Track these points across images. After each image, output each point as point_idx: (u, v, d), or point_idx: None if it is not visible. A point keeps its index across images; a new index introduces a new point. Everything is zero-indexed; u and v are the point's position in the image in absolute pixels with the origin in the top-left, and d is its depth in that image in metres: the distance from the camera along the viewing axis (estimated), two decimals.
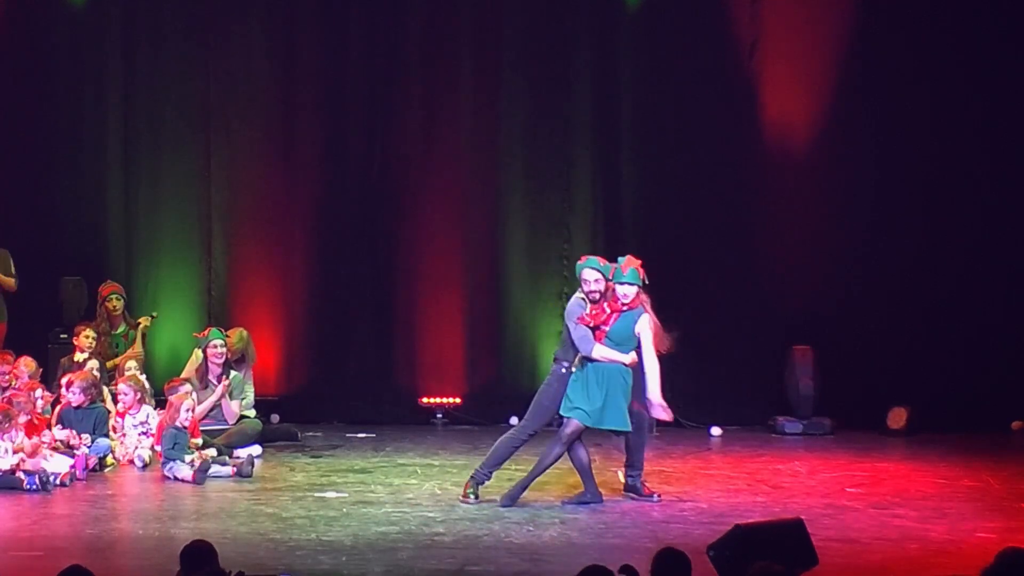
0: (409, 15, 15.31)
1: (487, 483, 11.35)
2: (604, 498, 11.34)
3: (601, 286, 11.17)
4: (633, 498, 11.41)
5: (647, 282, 11.20)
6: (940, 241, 14.95)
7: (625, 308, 11.14)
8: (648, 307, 11.23)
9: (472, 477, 11.37)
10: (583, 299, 11.20)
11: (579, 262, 11.39)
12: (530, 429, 11.35)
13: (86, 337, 13.80)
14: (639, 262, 11.22)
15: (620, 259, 11.26)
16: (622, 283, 11.15)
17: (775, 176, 15.11)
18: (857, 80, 15.01)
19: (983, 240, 14.90)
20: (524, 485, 11.27)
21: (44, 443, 12.02)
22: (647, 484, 11.52)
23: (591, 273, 11.21)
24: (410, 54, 15.30)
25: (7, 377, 12.88)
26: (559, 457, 11.28)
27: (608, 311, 11.13)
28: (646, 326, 11.15)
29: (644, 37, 15.21)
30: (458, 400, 15.08)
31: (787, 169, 15.08)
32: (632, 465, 11.53)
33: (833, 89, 15.02)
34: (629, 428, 11.19)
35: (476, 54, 15.29)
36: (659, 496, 11.41)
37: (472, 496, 11.25)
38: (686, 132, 15.15)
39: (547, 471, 11.39)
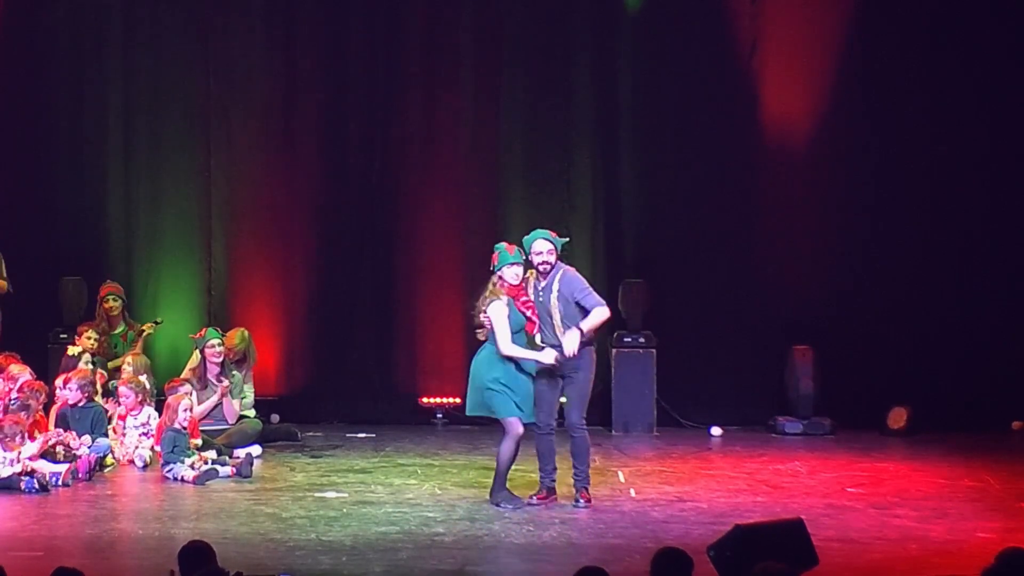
0: (409, 15, 15.31)
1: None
2: (593, 500, 11.25)
3: (552, 257, 11.08)
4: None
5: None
6: (940, 241, 14.94)
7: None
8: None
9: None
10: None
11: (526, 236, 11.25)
12: None
13: (88, 338, 13.79)
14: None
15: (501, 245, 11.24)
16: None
17: (775, 175, 15.12)
18: (857, 80, 15.01)
19: (983, 240, 14.90)
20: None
21: (49, 439, 12.06)
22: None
23: (544, 244, 11.10)
24: (410, 54, 15.31)
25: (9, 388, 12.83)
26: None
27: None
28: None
29: (644, 37, 15.21)
30: (458, 400, 15.04)
31: (787, 168, 15.09)
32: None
33: (833, 89, 15.01)
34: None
35: (477, 54, 15.30)
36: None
37: None
38: (686, 132, 15.16)
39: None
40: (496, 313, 11.00)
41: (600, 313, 11.00)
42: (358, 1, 15.31)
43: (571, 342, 10.85)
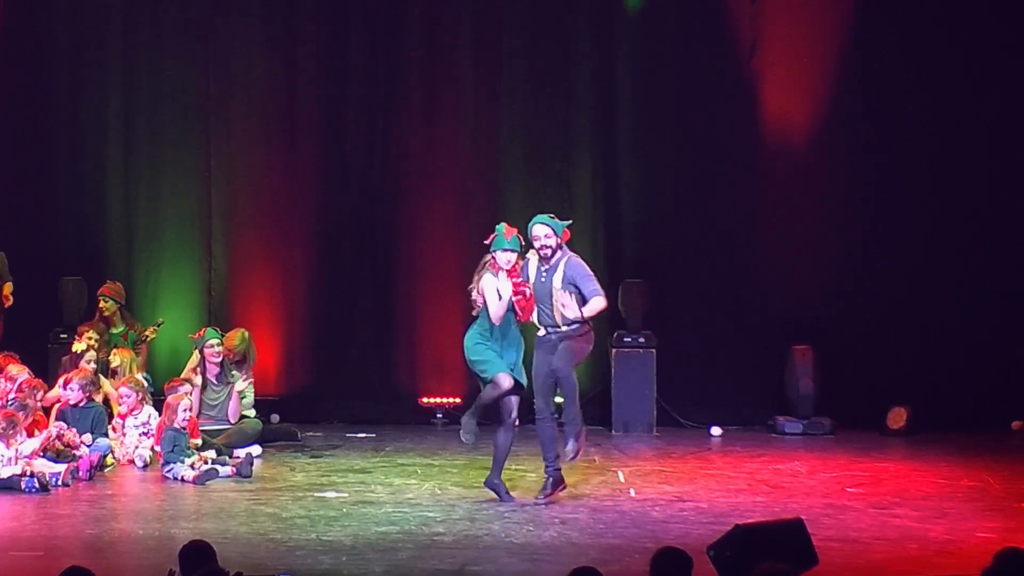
0: (409, 14, 15.31)
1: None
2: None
3: (552, 241, 11.19)
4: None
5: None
6: (940, 241, 14.95)
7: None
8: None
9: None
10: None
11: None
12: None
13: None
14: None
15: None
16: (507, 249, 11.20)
17: (775, 175, 15.12)
18: (857, 80, 15.02)
19: (983, 240, 14.90)
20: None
21: (51, 435, 12.08)
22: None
23: (542, 228, 11.23)
24: (410, 53, 15.30)
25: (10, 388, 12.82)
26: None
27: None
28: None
29: (644, 37, 15.22)
30: (458, 400, 15.07)
31: (787, 168, 15.09)
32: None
33: (833, 89, 15.02)
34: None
35: (477, 54, 15.30)
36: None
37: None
38: (686, 132, 15.16)
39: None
40: (487, 285, 11.11)
41: (598, 303, 11.15)
42: (358, 1, 15.31)
43: (571, 309, 11.01)
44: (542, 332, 11.26)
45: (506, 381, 11.08)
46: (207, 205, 15.34)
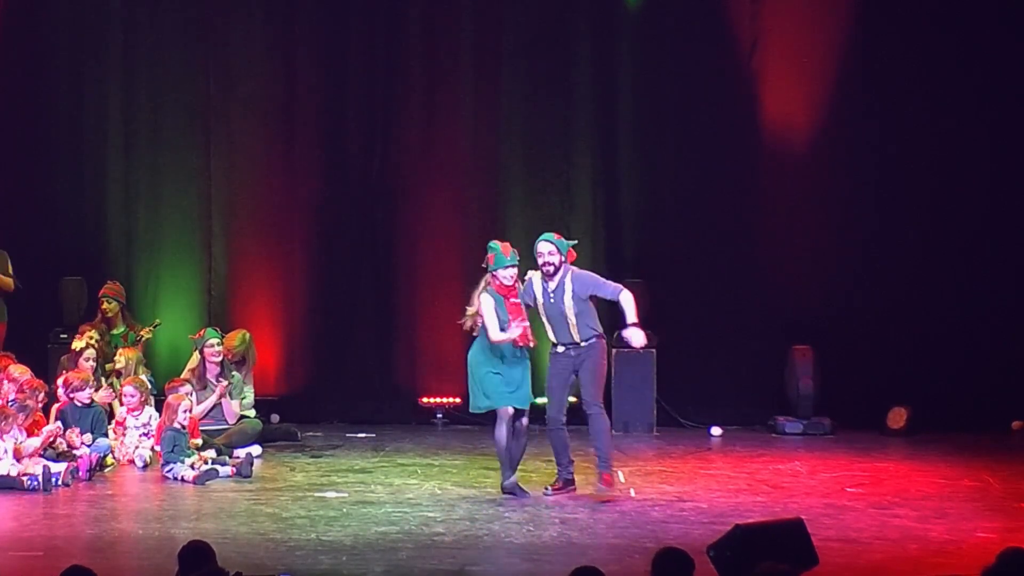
0: (409, 15, 15.31)
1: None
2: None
3: (555, 259, 11.31)
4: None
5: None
6: (940, 241, 14.95)
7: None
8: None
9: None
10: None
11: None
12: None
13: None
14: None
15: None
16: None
17: (775, 176, 15.12)
18: (858, 80, 15.02)
19: (983, 240, 14.91)
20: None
21: (52, 433, 12.10)
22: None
23: (546, 246, 11.36)
24: (410, 54, 15.31)
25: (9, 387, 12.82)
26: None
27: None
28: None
29: (644, 37, 15.22)
30: (458, 400, 15.06)
31: (787, 169, 15.09)
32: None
33: (833, 89, 15.02)
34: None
35: (476, 54, 15.30)
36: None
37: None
38: (686, 132, 15.16)
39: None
40: (485, 304, 11.26)
41: (628, 298, 11.31)
42: (358, 1, 15.32)
43: (637, 336, 11.32)
44: (560, 349, 11.37)
45: (507, 413, 11.29)
46: (207, 205, 15.35)
